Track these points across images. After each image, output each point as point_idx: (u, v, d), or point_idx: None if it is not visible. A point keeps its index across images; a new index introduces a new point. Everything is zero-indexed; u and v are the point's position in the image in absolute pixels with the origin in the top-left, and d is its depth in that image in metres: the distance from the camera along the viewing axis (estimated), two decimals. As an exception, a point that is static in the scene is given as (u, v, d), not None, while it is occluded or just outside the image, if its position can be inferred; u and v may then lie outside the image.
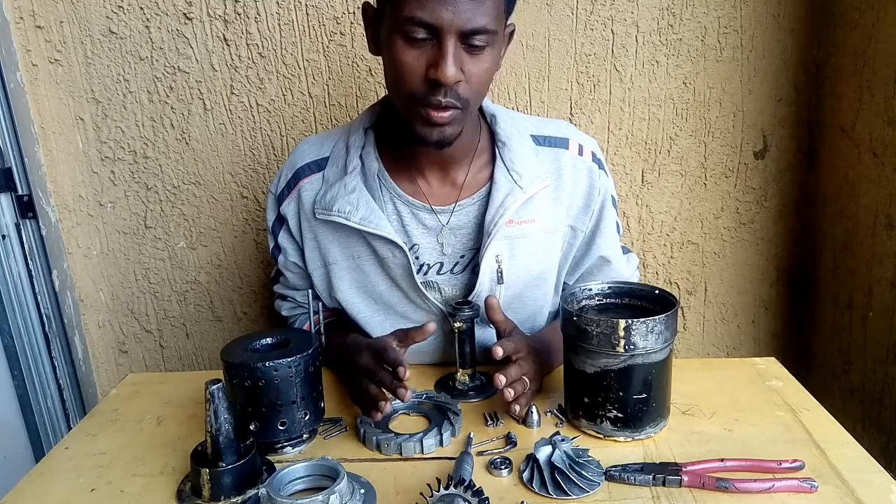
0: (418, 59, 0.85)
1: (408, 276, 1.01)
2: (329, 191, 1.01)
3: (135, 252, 1.60)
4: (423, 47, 0.85)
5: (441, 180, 1.03)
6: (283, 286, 1.17)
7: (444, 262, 1.04)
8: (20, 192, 1.41)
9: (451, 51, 0.84)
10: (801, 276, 1.63)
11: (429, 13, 0.82)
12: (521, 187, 0.99)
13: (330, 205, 0.99)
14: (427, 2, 0.81)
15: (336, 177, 1.02)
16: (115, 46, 1.45)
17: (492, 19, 0.85)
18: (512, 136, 1.02)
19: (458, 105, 0.88)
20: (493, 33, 0.86)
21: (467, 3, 0.82)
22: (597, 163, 1.06)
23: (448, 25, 0.82)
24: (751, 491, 0.72)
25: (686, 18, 1.45)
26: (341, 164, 1.02)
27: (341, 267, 1.04)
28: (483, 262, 1.00)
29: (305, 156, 1.07)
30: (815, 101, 1.51)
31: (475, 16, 0.83)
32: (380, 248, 1.01)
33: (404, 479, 0.78)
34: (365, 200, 0.98)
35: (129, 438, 0.90)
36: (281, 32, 1.45)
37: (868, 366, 1.39)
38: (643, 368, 0.80)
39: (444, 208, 1.02)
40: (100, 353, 1.63)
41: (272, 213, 1.10)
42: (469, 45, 0.85)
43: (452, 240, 1.03)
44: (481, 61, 0.87)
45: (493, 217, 0.99)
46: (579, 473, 0.74)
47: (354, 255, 1.03)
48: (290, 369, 0.80)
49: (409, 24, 0.83)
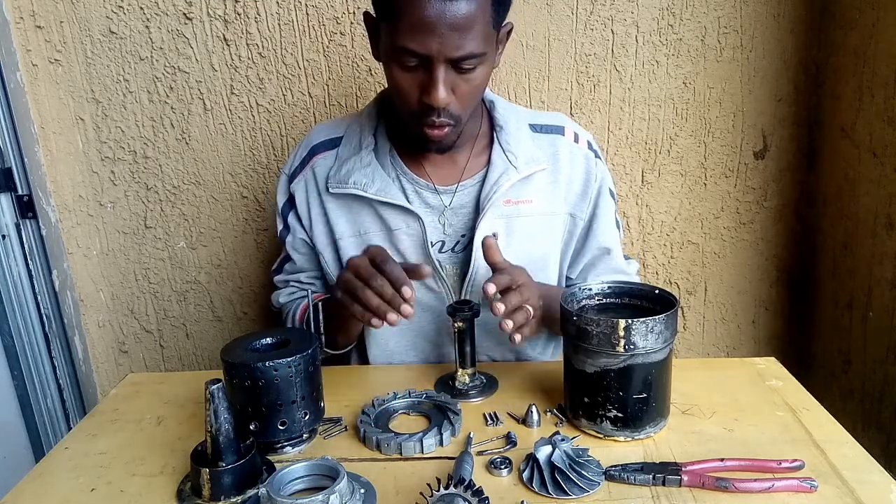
0: (412, 83, 0.91)
1: (419, 247, 1.05)
2: (343, 166, 1.05)
3: (135, 252, 1.60)
4: (416, 72, 0.90)
5: (444, 163, 1.07)
6: (288, 272, 1.18)
7: (445, 241, 1.07)
8: (20, 192, 1.41)
9: (440, 77, 0.89)
10: (801, 276, 1.63)
11: (418, 44, 0.86)
12: (515, 167, 1.04)
13: (346, 178, 1.04)
14: (416, 33, 0.86)
15: (350, 153, 1.06)
16: (115, 46, 1.45)
17: (480, 42, 0.88)
18: (509, 120, 1.07)
19: (451, 122, 0.94)
20: (483, 54, 0.90)
21: (454, 33, 0.86)
22: (593, 151, 1.11)
23: (437, 55, 0.87)
24: (751, 491, 0.72)
25: (686, 18, 1.45)
26: (356, 142, 1.07)
27: (348, 243, 1.07)
28: (477, 237, 1.03)
29: (321, 135, 1.12)
30: (815, 101, 1.51)
31: (463, 43, 0.86)
32: (392, 220, 1.04)
33: (404, 478, 0.78)
34: (379, 174, 1.03)
35: (129, 438, 0.90)
36: (281, 32, 1.45)
37: (868, 366, 1.39)
38: (643, 368, 0.80)
39: (446, 188, 1.06)
40: (100, 353, 1.63)
41: (283, 196, 1.13)
42: (459, 68, 0.89)
43: (454, 219, 1.07)
44: (473, 79, 0.92)
45: (487, 194, 1.03)
46: (579, 473, 0.73)
47: (362, 231, 1.07)
48: (290, 369, 0.80)
49: (401, 54, 0.88)
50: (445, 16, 0.84)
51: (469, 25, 0.86)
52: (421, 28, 0.85)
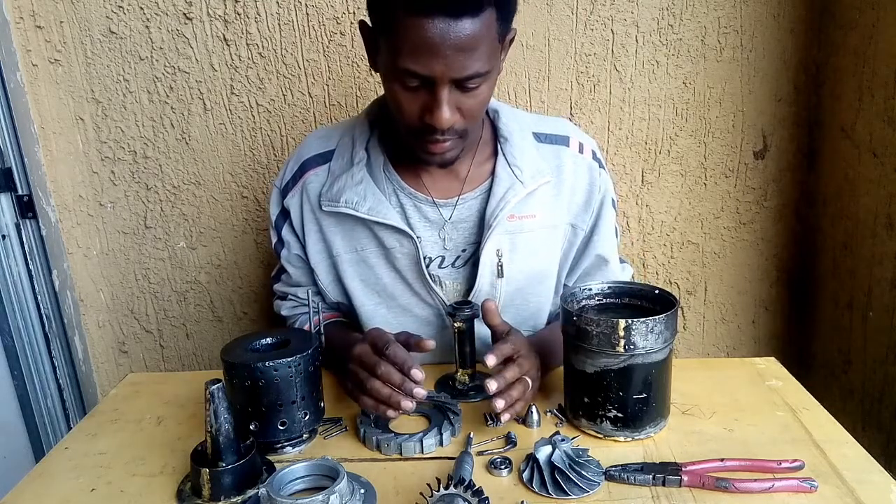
0: (414, 102, 0.87)
1: (414, 266, 1.02)
2: (335, 183, 1.02)
3: (135, 252, 1.60)
4: (418, 92, 0.86)
5: (443, 174, 1.03)
6: (285, 284, 1.16)
7: (445, 256, 1.05)
8: (20, 192, 1.41)
9: (444, 98, 0.85)
10: (801, 276, 1.63)
11: (422, 66, 0.82)
12: (521, 182, 1.00)
13: (337, 196, 1.00)
14: (420, 56, 0.81)
15: (342, 169, 1.03)
16: (115, 46, 1.45)
17: (485, 61, 0.84)
18: (514, 131, 1.03)
19: (456, 136, 0.91)
20: (488, 72, 0.86)
21: (458, 54, 0.81)
22: (597, 161, 1.08)
23: (441, 77, 0.83)
24: (751, 491, 0.72)
25: (686, 18, 1.45)
26: (347, 157, 1.03)
27: (344, 259, 1.05)
28: (483, 255, 1.01)
29: (311, 148, 1.08)
30: (815, 101, 1.51)
31: (469, 63, 0.83)
32: (386, 239, 1.01)
33: (404, 479, 0.78)
34: (372, 191, 1.00)
35: (129, 438, 0.90)
36: (281, 32, 1.45)
37: (868, 366, 1.39)
38: (643, 368, 0.80)
39: (446, 202, 1.03)
40: (100, 353, 1.63)
41: (276, 208, 1.10)
42: (464, 87, 0.86)
43: (454, 234, 1.04)
44: (477, 95, 0.88)
45: (494, 210, 1.00)
46: (579, 473, 0.73)
47: (358, 248, 1.04)
48: (290, 369, 0.80)
49: (402, 74, 0.84)
50: (450, 37, 0.79)
51: (475, 45, 0.81)
52: (424, 49, 0.80)
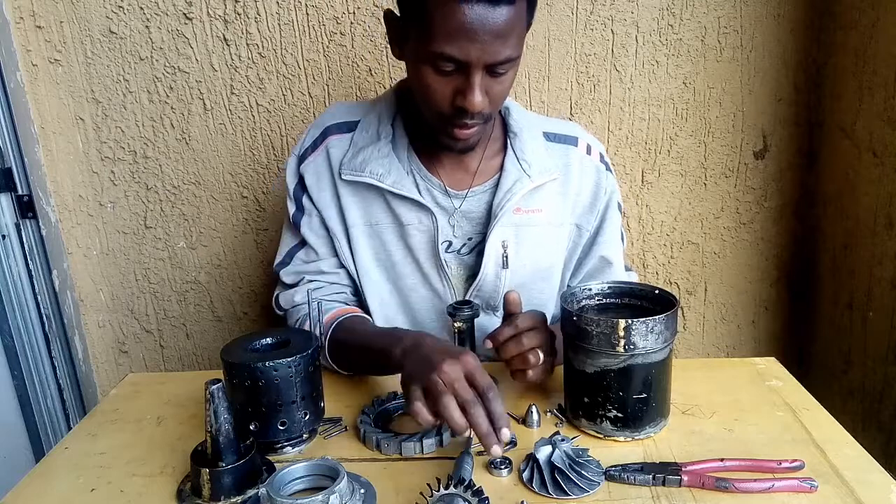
0: (446, 87, 0.89)
1: (428, 244, 1.04)
2: (360, 153, 1.03)
3: (135, 252, 1.60)
4: (450, 76, 0.88)
5: (455, 166, 1.06)
6: (303, 262, 1.09)
7: (452, 242, 1.07)
8: (20, 192, 1.41)
9: (478, 82, 0.87)
10: (801, 276, 1.63)
11: (457, 50, 0.84)
12: (529, 176, 1.03)
13: (362, 166, 1.02)
14: (456, 40, 0.83)
15: (366, 142, 1.04)
16: (115, 46, 1.45)
17: (516, 47, 0.88)
18: (524, 128, 1.07)
19: (482, 122, 0.94)
20: (518, 57, 0.90)
21: (494, 39, 0.84)
22: (604, 164, 1.11)
23: (476, 61, 0.85)
24: (751, 491, 0.72)
25: (686, 18, 1.45)
26: (373, 130, 1.05)
27: (359, 231, 1.06)
28: (488, 245, 1.03)
29: (335, 116, 1.08)
30: (815, 101, 1.51)
31: (502, 49, 0.86)
32: (405, 214, 1.03)
33: (404, 479, 0.78)
34: (396, 167, 1.02)
35: (129, 438, 0.90)
36: (281, 32, 1.45)
37: (868, 366, 1.39)
38: (643, 368, 0.80)
39: (457, 193, 1.06)
40: (100, 353, 1.63)
41: (293, 177, 1.08)
42: (494, 72, 0.89)
43: (463, 223, 1.07)
44: (505, 81, 0.91)
45: (500, 202, 1.02)
46: (579, 473, 0.73)
47: (373, 222, 1.05)
48: (290, 369, 0.80)
49: (438, 59, 0.86)
50: (488, 22, 0.82)
51: (509, 31, 0.85)
52: (461, 34, 0.83)
